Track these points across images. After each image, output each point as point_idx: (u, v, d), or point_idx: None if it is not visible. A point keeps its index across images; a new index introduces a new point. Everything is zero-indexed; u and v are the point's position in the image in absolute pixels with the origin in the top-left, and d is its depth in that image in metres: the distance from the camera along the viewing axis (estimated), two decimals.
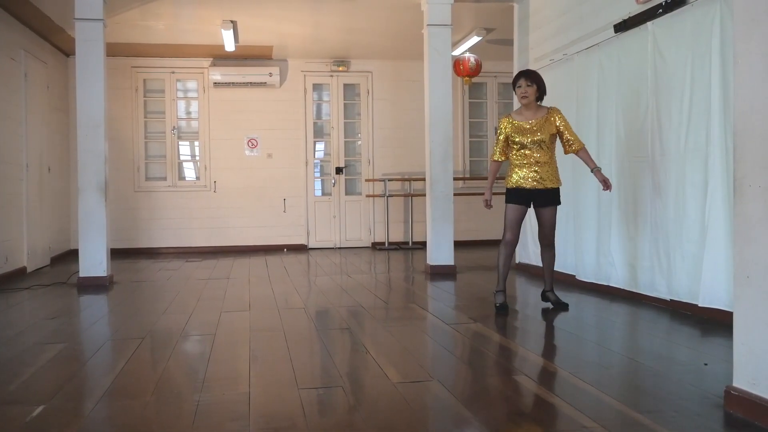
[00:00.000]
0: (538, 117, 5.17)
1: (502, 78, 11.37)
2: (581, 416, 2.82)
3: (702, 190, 4.81)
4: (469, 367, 3.84)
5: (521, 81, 5.17)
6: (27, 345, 4.37)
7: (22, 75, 8.16)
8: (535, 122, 5.15)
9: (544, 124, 5.15)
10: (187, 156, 11.06)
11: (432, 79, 7.65)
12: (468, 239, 10.86)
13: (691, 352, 4.04)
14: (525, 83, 5.14)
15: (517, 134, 5.17)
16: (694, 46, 4.92)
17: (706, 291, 4.72)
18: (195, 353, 4.20)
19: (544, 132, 5.13)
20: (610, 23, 6.02)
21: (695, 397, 3.08)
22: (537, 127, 5.14)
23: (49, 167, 9.15)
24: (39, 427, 2.82)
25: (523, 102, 5.18)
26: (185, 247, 10.76)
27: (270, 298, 6.15)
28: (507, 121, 5.27)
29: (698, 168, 4.87)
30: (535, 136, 5.12)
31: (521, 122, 5.19)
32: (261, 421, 2.84)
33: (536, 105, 5.22)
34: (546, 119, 5.16)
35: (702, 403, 2.98)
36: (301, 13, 8.43)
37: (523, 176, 5.19)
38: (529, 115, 5.19)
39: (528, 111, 5.20)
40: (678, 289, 5.11)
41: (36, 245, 8.48)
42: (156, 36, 9.42)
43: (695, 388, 3.21)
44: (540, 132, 5.13)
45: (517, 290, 6.71)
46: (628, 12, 5.76)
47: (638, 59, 5.60)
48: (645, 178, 5.52)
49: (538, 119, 5.16)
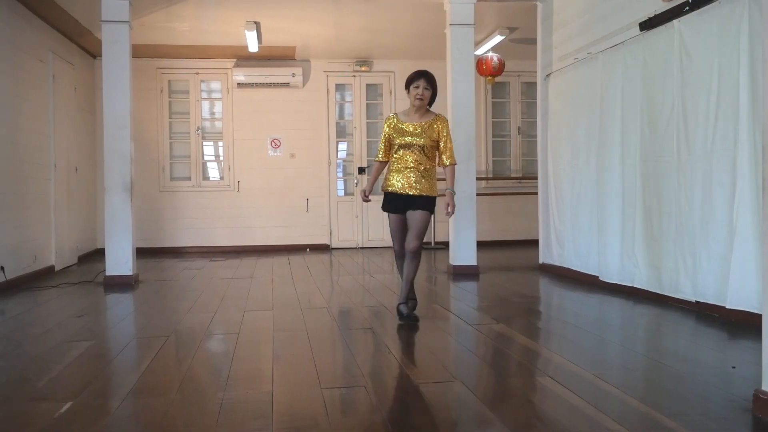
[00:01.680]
0: (423, 121, 4.97)
1: (526, 77, 11.31)
2: (605, 419, 2.80)
3: (729, 190, 4.75)
4: (492, 368, 3.82)
5: (420, 81, 4.92)
6: (55, 342, 4.43)
7: (50, 76, 8.27)
8: (419, 125, 4.95)
9: (428, 129, 4.94)
10: (211, 156, 11.14)
11: (455, 79, 7.64)
12: (491, 239, 10.82)
13: (718, 354, 4.00)
14: (423, 85, 4.90)
15: (398, 135, 4.95)
16: (721, 45, 4.86)
17: (734, 293, 4.65)
18: (219, 352, 4.23)
19: (425, 137, 4.91)
20: (635, 21, 5.97)
21: (722, 400, 3.05)
22: (420, 131, 4.93)
23: (76, 167, 9.26)
24: (67, 424, 2.85)
25: (416, 103, 4.94)
26: (209, 246, 10.84)
27: (293, 297, 6.17)
28: (391, 120, 5.05)
29: (725, 168, 4.81)
30: (416, 140, 4.90)
31: (405, 123, 4.99)
32: (284, 420, 2.85)
33: (426, 109, 5.02)
34: (430, 125, 4.96)
35: (729, 407, 2.95)
36: (323, 13, 8.45)
37: (399, 180, 4.95)
38: (416, 117, 4.98)
39: (416, 114, 4.99)
40: (704, 290, 5.05)
41: (63, 244, 8.59)
42: (180, 37, 9.49)
43: (722, 391, 3.17)
44: (421, 137, 4.91)
45: (540, 291, 6.68)
46: (653, 10, 5.71)
47: (664, 58, 5.55)
48: (670, 178, 5.46)
49: (422, 123, 4.96)
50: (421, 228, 4.91)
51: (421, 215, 4.90)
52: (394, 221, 5.02)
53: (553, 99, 7.76)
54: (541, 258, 8.05)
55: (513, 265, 8.51)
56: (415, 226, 4.90)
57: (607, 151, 6.42)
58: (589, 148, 6.82)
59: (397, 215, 4.99)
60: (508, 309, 5.50)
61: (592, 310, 5.53)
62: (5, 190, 6.90)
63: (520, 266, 8.39)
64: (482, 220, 8.85)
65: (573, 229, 7.23)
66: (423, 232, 4.94)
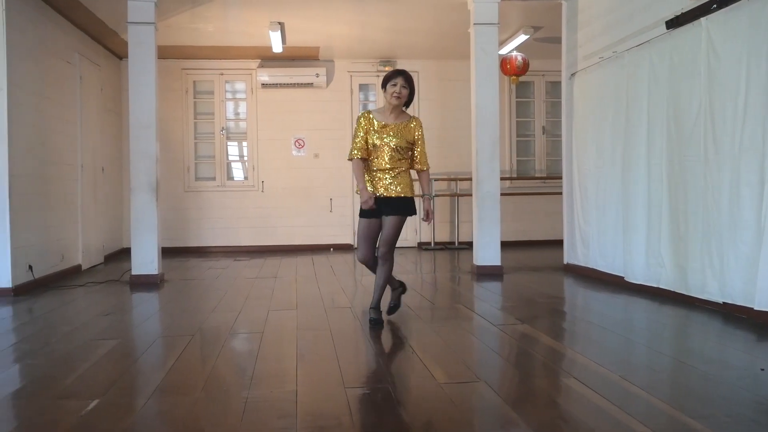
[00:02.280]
0: (399, 122, 4.81)
1: (550, 77, 11.25)
2: (631, 420, 2.77)
3: (758, 190, 4.69)
4: (516, 369, 3.80)
5: (398, 80, 4.73)
6: (81, 341, 4.48)
7: (77, 78, 8.37)
8: (394, 126, 4.78)
9: (403, 130, 4.79)
10: (235, 156, 11.21)
11: (478, 79, 7.61)
12: (515, 239, 10.77)
13: (746, 356, 3.94)
14: (401, 83, 4.72)
15: (373, 134, 4.76)
16: (750, 42, 4.80)
17: (763, 294, 4.59)
18: (243, 351, 4.25)
19: (401, 137, 4.76)
20: (662, 20, 5.91)
21: (750, 402, 3.01)
22: (395, 131, 4.77)
23: (102, 168, 9.37)
24: (93, 421, 2.89)
25: (393, 102, 4.74)
26: (233, 246, 10.91)
27: (317, 297, 6.19)
28: (365, 118, 4.82)
29: (754, 168, 4.74)
30: (392, 140, 4.74)
31: (380, 122, 4.79)
32: (308, 420, 2.86)
33: (401, 110, 4.86)
34: (406, 126, 4.82)
35: (757, 410, 2.91)
36: (347, 13, 8.46)
37: (374, 182, 4.78)
38: (391, 118, 4.81)
39: (391, 113, 4.81)
40: (732, 291, 4.98)
41: (90, 244, 8.70)
42: (205, 38, 9.56)
43: (750, 393, 3.13)
44: (397, 137, 4.75)
45: (564, 291, 6.63)
46: (680, 8, 5.64)
47: (691, 56, 5.48)
48: (696, 178, 5.40)
49: (398, 123, 4.80)
50: (395, 236, 4.77)
51: (396, 221, 4.75)
52: (366, 226, 4.81)
53: (578, 98, 7.70)
54: (565, 258, 8.00)
55: (537, 266, 8.46)
56: (389, 233, 4.76)
57: (633, 150, 6.36)
58: (614, 147, 6.77)
59: (369, 220, 4.79)
60: (533, 309, 5.47)
61: (617, 311, 5.48)
62: (33, 190, 7.00)
63: (545, 266, 8.34)
64: (506, 220, 8.81)
65: (598, 229, 7.17)
66: (395, 240, 4.80)
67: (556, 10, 8.12)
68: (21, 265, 6.64)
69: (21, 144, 6.68)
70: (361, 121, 4.81)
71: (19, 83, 6.66)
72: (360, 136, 4.78)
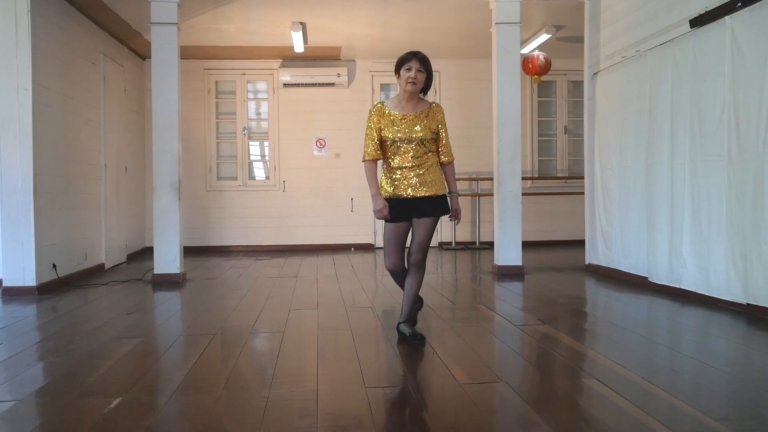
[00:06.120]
0: (419, 111, 4.24)
1: (572, 76, 11.19)
2: (653, 422, 2.75)
3: None
4: (537, 370, 3.78)
5: (412, 63, 4.15)
6: (105, 339, 4.53)
7: (101, 78, 8.46)
8: (413, 115, 4.21)
9: (425, 119, 4.21)
10: (257, 156, 11.27)
11: (500, 78, 7.59)
12: (536, 239, 10.73)
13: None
14: (417, 66, 4.14)
15: (388, 127, 4.20)
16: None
17: None
18: (264, 350, 4.27)
19: (424, 128, 4.19)
20: (685, 18, 5.85)
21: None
22: (416, 121, 4.20)
23: (125, 167, 9.46)
24: (116, 419, 2.91)
25: (408, 89, 4.14)
26: (255, 245, 10.97)
27: (337, 296, 6.21)
28: (377, 111, 4.25)
29: None
30: (413, 132, 4.17)
31: (395, 114, 4.22)
32: (328, 419, 2.86)
33: (418, 97, 4.27)
34: (427, 114, 4.23)
35: None
36: (369, 13, 8.47)
37: (399, 183, 4.24)
38: (409, 107, 4.23)
39: (408, 103, 4.23)
40: (755, 293, 4.93)
41: (113, 243, 8.79)
42: (227, 38, 9.62)
43: None
44: (419, 126, 4.18)
45: (586, 292, 6.59)
46: (704, 6, 5.59)
47: (715, 55, 5.43)
48: (720, 178, 5.34)
49: (417, 113, 4.22)
50: (428, 239, 4.27)
51: (430, 224, 4.24)
52: (394, 230, 4.27)
53: (600, 97, 7.65)
54: (587, 258, 7.95)
55: (559, 266, 8.41)
56: (423, 236, 4.25)
57: (656, 149, 6.31)
58: (637, 147, 6.71)
59: (397, 224, 4.26)
60: (554, 310, 5.44)
61: (639, 312, 5.43)
62: (58, 189, 7.09)
63: (566, 267, 8.29)
64: (528, 220, 8.78)
65: (621, 230, 7.11)
66: (429, 243, 4.30)
67: (578, 9, 8.08)
68: (45, 263, 6.73)
69: (45, 144, 6.76)
70: (373, 116, 4.25)
71: (44, 83, 6.74)
72: (372, 134, 4.24)
